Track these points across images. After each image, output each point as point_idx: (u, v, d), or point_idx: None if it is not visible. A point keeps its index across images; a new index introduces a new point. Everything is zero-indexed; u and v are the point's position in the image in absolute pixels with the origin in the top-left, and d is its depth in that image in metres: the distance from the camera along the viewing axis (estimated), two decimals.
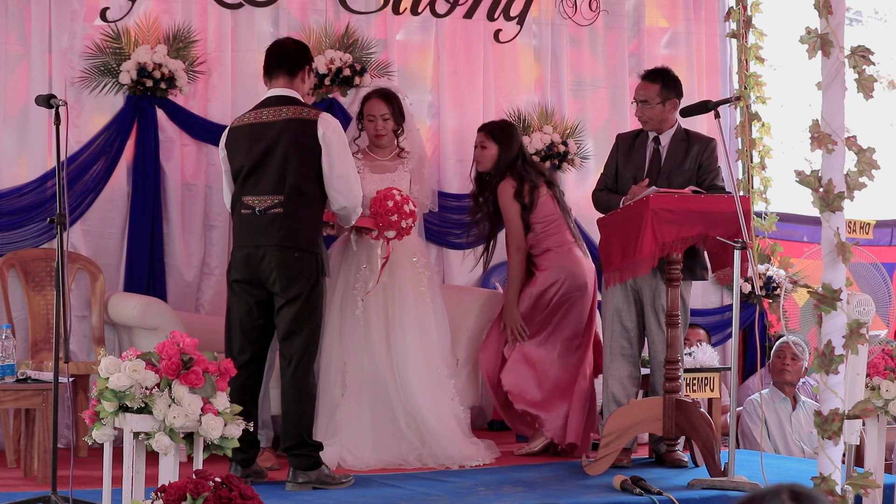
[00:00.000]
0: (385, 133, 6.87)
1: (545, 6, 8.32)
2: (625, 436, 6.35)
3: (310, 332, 5.97)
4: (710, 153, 6.75)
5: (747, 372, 8.52)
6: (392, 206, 6.55)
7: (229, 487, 4.42)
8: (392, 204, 6.55)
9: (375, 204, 6.58)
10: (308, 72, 6.16)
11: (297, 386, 5.95)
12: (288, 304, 5.93)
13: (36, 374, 6.13)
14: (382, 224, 6.58)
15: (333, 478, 5.96)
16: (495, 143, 7.06)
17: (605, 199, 6.75)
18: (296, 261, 5.91)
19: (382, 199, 6.58)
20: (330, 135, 5.95)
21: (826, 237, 4.67)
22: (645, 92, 6.73)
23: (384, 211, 6.56)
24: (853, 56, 4.62)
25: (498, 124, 7.22)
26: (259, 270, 5.95)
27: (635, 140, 6.78)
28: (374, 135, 6.88)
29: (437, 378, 6.72)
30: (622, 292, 6.61)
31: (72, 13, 7.25)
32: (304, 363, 5.96)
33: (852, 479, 4.77)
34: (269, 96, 6.09)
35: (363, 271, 6.73)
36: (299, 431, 5.92)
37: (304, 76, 6.11)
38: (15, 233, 7.13)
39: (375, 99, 6.90)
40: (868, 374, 5.30)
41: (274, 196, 5.92)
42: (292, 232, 5.90)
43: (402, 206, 6.57)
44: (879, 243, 9.24)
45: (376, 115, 6.87)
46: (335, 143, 5.97)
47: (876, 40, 10.64)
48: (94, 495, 5.12)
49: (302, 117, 5.96)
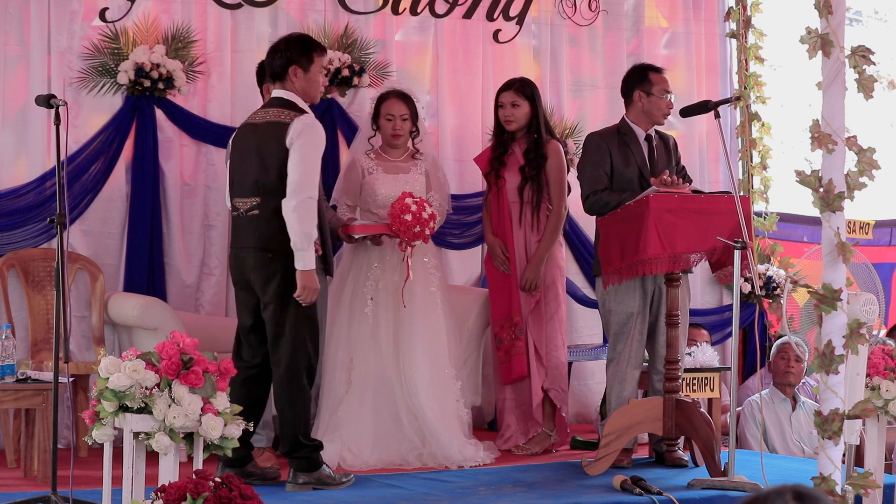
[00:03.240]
0: (402, 133, 6.88)
1: (545, 6, 8.32)
2: (625, 436, 6.34)
3: (294, 334, 5.87)
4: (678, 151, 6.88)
5: (747, 372, 8.52)
6: (411, 220, 6.57)
7: (229, 487, 4.42)
8: (411, 217, 6.57)
9: (395, 221, 6.59)
10: (298, 68, 5.94)
11: (288, 390, 5.89)
12: (267, 306, 5.90)
13: (36, 374, 6.13)
14: (407, 239, 6.62)
15: (333, 478, 5.95)
16: (526, 99, 7.07)
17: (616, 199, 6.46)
18: (269, 262, 5.85)
19: (399, 214, 6.58)
20: (295, 138, 5.81)
21: (826, 237, 4.67)
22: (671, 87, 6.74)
23: (405, 227, 6.57)
24: (853, 56, 4.62)
25: (522, 80, 7.19)
26: (244, 272, 5.96)
27: (623, 138, 6.72)
28: (391, 134, 6.87)
29: (443, 379, 6.72)
30: (640, 295, 6.50)
31: (71, 13, 7.26)
32: (293, 367, 5.88)
33: (852, 479, 4.77)
34: (269, 98, 6.10)
35: (374, 270, 6.73)
36: (295, 434, 5.90)
37: (295, 74, 5.94)
38: (14, 233, 7.13)
39: (395, 99, 6.88)
40: (868, 374, 5.30)
41: (252, 198, 5.90)
42: (267, 233, 5.86)
43: (420, 214, 6.59)
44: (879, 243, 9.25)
45: (395, 114, 6.85)
46: (298, 147, 5.81)
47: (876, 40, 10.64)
48: (94, 495, 5.12)
49: (279, 120, 5.88)
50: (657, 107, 6.68)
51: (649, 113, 6.69)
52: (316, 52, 5.99)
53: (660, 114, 6.71)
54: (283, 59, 5.95)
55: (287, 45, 6.01)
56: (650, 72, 6.75)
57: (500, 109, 7.13)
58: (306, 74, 5.95)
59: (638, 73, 6.78)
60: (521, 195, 7.06)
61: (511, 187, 7.08)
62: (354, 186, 6.87)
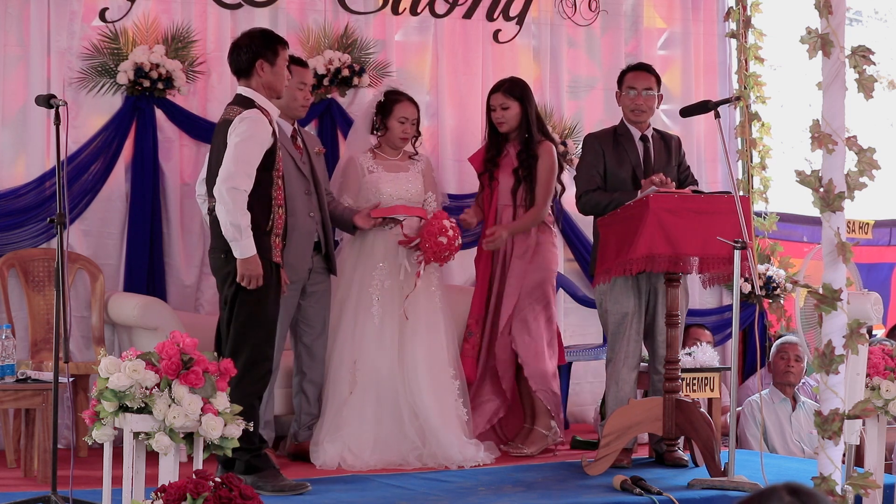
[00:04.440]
0: (410, 136, 6.94)
1: (545, 6, 8.32)
2: (625, 436, 6.34)
3: (236, 335, 5.75)
4: (682, 151, 6.86)
5: (747, 372, 8.52)
6: (446, 244, 6.65)
7: (229, 487, 4.42)
8: (446, 241, 6.64)
9: (429, 239, 6.63)
10: (265, 62, 5.83)
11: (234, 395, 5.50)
12: (223, 306, 5.85)
13: (36, 374, 6.13)
14: (434, 258, 6.68)
15: (264, 487, 5.67)
16: (515, 100, 7.06)
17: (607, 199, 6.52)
18: (224, 263, 5.78)
19: (436, 234, 6.63)
20: (231, 133, 5.75)
21: (826, 237, 4.67)
22: (647, 81, 6.70)
23: (438, 248, 6.64)
24: (853, 56, 4.62)
25: (509, 81, 7.18)
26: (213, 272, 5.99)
27: (619, 139, 6.72)
28: (401, 137, 6.91)
29: (444, 378, 6.74)
30: (634, 294, 6.51)
31: (71, 14, 7.25)
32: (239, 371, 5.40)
33: (852, 479, 4.77)
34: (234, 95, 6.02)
35: (380, 269, 6.74)
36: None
37: (262, 68, 5.83)
38: (14, 233, 7.12)
39: (409, 103, 6.93)
40: (868, 374, 5.30)
41: (212, 198, 5.86)
42: (218, 232, 5.82)
43: (454, 242, 6.69)
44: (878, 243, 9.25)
45: (409, 117, 6.90)
46: (231, 140, 5.74)
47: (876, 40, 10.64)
48: (94, 495, 5.12)
49: (227, 118, 5.82)
50: (624, 104, 6.72)
51: (625, 113, 6.72)
52: (280, 44, 5.94)
53: (627, 111, 6.72)
54: (248, 54, 5.87)
55: (251, 39, 5.94)
56: (626, 72, 6.80)
57: (492, 112, 7.12)
58: (273, 68, 5.88)
59: (620, 76, 6.82)
60: (513, 198, 7.05)
61: (504, 189, 7.08)
62: (354, 185, 6.87)
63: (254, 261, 5.71)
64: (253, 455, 5.76)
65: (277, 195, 5.85)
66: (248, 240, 5.70)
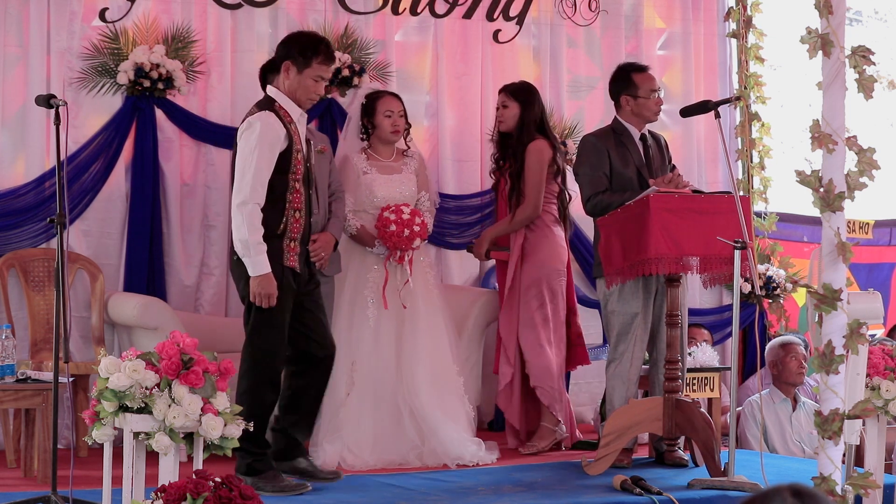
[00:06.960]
0: (401, 129, 6.92)
1: (544, 6, 8.32)
2: (625, 436, 6.34)
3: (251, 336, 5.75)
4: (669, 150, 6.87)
5: (747, 372, 8.52)
6: (397, 228, 6.65)
7: (229, 487, 4.42)
8: (395, 227, 6.65)
9: (385, 237, 6.67)
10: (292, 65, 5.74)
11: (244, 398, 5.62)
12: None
13: (36, 374, 6.13)
14: (404, 247, 6.68)
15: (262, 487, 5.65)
16: (516, 101, 7.11)
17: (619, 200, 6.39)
18: (237, 264, 5.76)
19: (384, 228, 6.66)
20: (239, 141, 5.74)
21: (826, 237, 4.67)
22: (656, 83, 6.73)
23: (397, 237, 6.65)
24: (853, 56, 4.62)
25: (518, 84, 7.26)
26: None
27: (620, 139, 6.71)
28: (391, 130, 6.89)
29: (447, 376, 6.75)
30: (642, 296, 6.49)
31: (71, 14, 7.25)
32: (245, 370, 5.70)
33: (852, 479, 4.77)
34: None
35: (374, 272, 6.75)
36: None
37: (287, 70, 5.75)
38: (13, 233, 7.12)
39: (390, 97, 6.96)
40: (868, 374, 5.30)
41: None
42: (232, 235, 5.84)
43: (401, 217, 6.67)
44: (878, 243, 9.25)
45: (394, 110, 6.90)
46: (238, 151, 5.74)
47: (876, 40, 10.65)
48: (94, 495, 5.12)
49: (244, 120, 5.80)
50: (646, 108, 6.67)
51: (639, 114, 6.69)
52: (317, 57, 5.75)
53: (650, 113, 6.70)
54: (282, 52, 5.86)
55: (291, 39, 5.94)
56: (633, 73, 6.71)
57: (496, 110, 7.25)
58: (299, 75, 5.74)
59: (622, 76, 6.74)
60: (510, 202, 7.10)
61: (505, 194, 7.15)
62: (352, 183, 6.87)
63: (266, 279, 5.63)
64: (256, 458, 5.77)
65: (294, 199, 5.76)
66: (258, 256, 5.62)
